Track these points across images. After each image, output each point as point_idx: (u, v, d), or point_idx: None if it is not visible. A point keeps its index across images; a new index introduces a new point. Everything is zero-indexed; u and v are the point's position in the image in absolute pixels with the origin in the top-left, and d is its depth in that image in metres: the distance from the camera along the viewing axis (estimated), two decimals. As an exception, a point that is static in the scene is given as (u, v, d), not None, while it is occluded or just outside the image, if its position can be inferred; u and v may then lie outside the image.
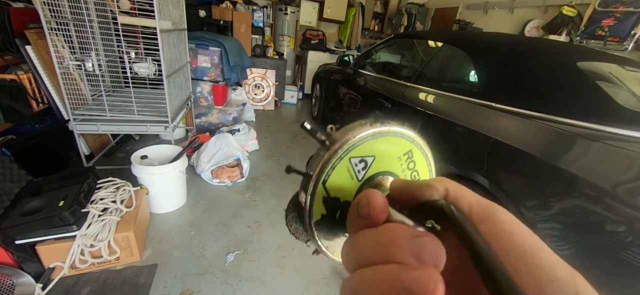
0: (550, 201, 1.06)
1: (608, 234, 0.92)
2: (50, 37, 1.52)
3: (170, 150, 1.92)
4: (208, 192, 2.08)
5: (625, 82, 1.32)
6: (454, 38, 1.85)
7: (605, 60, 1.44)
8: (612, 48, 2.56)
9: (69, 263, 1.26)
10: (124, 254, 1.40)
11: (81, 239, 1.27)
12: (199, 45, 2.86)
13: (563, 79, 1.25)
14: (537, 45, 1.62)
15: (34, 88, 1.82)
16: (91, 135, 2.17)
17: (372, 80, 2.35)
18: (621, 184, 0.91)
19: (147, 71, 1.81)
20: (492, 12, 3.90)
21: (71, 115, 1.71)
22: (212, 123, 3.09)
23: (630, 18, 2.47)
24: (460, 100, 1.49)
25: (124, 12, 1.79)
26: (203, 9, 3.60)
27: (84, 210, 1.31)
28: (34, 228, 1.20)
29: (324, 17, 4.88)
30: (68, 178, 1.45)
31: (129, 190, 1.54)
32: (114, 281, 1.34)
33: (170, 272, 1.42)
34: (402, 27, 4.96)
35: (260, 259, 1.57)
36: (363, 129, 0.19)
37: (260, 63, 3.86)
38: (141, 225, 1.54)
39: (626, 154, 0.92)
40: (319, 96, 3.63)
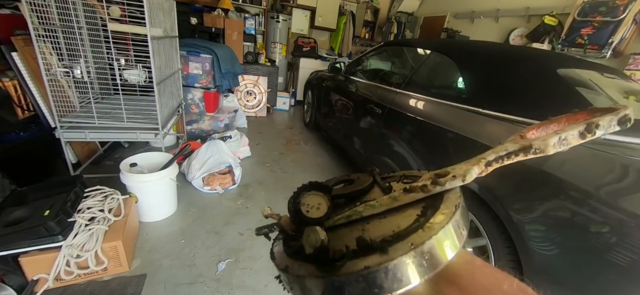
0: (536, 204, 1.10)
1: (593, 235, 0.95)
2: (37, 44, 1.50)
3: (160, 158, 1.90)
4: (199, 199, 2.06)
5: (604, 88, 1.38)
6: (442, 46, 1.90)
7: (584, 67, 1.50)
8: (592, 56, 2.67)
9: (53, 275, 1.22)
10: (111, 264, 1.36)
11: (67, 249, 1.23)
12: (190, 52, 2.86)
13: (544, 85, 1.30)
14: (519, 52, 1.68)
15: (20, 95, 1.78)
16: (79, 143, 2.12)
17: (363, 86, 2.39)
18: (604, 186, 0.94)
19: (138, 78, 1.80)
20: (478, 21, 4.02)
21: (58, 122, 1.67)
22: (203, 130, 3.07)
23: (607, 27, 2.58)
24: (449, 106, 1.52)
25: (114, 19, 1.78)
26: (195, 16, 3.61)
27: (71, 220, 1.28)
28: (18, 239, 1.16)
29: (315, 25, 4.94)
30: (54, 187, 1.41)
31: (118, 199, 1.51)
32: (101, 292, 1.30)
33: (159, 282, 1.39)
34: (392, 35, 5.07)
35: (253, 267, 1.55)
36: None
37: (252, 70, 3.87)
38: (130, 234, 1.51)
39: (608, 157, 0.96)
40: (311, 103, 3.66)
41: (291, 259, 0.20)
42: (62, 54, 1.76)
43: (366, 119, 2.17)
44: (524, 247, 1.13)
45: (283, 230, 0.25)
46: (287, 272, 0.19)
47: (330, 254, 0.18)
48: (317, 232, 0.19)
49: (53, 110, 1.64)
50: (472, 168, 0.18)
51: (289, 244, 0.22)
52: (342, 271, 0.16)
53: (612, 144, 0.98)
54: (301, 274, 0.18)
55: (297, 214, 0.22)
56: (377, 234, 0.19)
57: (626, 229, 0.88)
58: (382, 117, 1.96)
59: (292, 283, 0.19)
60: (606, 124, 0.16)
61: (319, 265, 0.18)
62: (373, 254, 0.17)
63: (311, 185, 0.24)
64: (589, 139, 0.15)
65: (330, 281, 0.17)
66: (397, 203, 0.21)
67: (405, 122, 1.75)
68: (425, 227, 0.17)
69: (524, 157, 0.17)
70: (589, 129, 0.16)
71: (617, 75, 1.58)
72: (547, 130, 0.18)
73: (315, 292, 0.17)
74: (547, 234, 1.07)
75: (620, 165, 0.94)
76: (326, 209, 0.23)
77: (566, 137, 0.16)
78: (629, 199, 0.89)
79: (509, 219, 1.16)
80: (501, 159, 0.18)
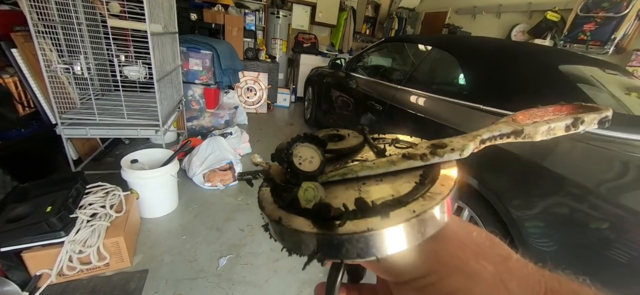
0: (536, 200, 1.10)
1: (592, 231, 0.95)
2: (37, 41, 1.49)
3: (161, 154, 1.90)
4: (200, 196, 2.07)
5: (606, 84, 1.38)
6: (443, 42, 1.89)
7: (586, 63, 1.50)
8: (594, 51, 2.66)
9: (56, 270, 1.23)
10: (113, 260, 1.37)
11: (69, 245, 1.24)
12: (190, 49, 2.85)
13: (545, 82, 1.30)
14: (521, 48, 1.67)
15: (20, 92, 1.78)
16: (79, 140, 2.13)
17: (363, 83, 2.38)
18: (604, 182, 0.94)
19: (138, 74, 1.80)
20: (480, 17, 4.00)
21: (59, 119, 1.68)
22: (204, 126, 3.07)
23: (610, 23, 2.57)
24: (449, 103, 1.52)
25: (114, 15, 1.78)
26: (195, 12, 3.59)
27: (72, 216, 1.29)
28: (20, 235, 1.17)
29: (316, 21, 4.92)
30: (56, 183, 1.42)
31: (119, 195, 1.52)
32: (104, 288, 1.31)
33: (161, 277, 1.40)
34: (392, 30, 5.04)
35: (253, 263, 1.56)
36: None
37: (253, 66, 3.86)
38: (131, 230, 1.52)
39: (608, 153, 0.96)
40: (311, 99, 3.65)
41: (283, 210, 0.20)
42: (62, 50, 1.76)
43: (367, 116, 2.17)
44: (523, 244, 1.13)
45: (272, 179, 0.24)
46: (281, 223, 0.19)
47: (331, 213, 0.17)
48: (317, 188, 0.19)
49: (53, 106, 1.65)
50: (469, 144, 0.19)
51: (280, 195, 0.21)
52: (343, 230, 0.16)
53: (613, 140, 0.98)
54: (297, 228, 0.18)
55: (289, 165, 0.22)
56: (376, 197, 0.19)
57: (626, 225, 0.88)
58: (382, 114, 1.95)
59: (284, 234, 0.19)
60: (589, 121, 0.17)
61: (316, 221, 0.17)
62: (374, 216, 0.17)
63: (305, 137, 0.24)
64: (572, 132, 0.17)
65: (329, 237, 0.17)
66: (394, 167, 0.21)
67: (406, 119, 1.74)
68: (427, 196, 0.18)
69: (514, 140, 0.18)
70: (575, 124, 0.17)
71: (619, 72, 1.57)
72: (534, 117, 0.18)
73: (310, 246, 0.17)
74: (547, 231, 1.07)
75: (620, 162, 0.94)
76: (319, 164, 0.22)
77: (554, 127, 0.17)
78: (629, 195, 0.89)
79: (508, 216, 1.16)
80: (494, 139, 0.19)
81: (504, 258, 0.17)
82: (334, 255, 0.17)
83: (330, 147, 0.26)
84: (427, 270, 0.17)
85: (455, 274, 0.16)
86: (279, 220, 0.19)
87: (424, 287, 0.17)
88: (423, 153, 0.20)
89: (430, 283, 0.17)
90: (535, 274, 0.17)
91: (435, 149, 0.20)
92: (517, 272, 0.17)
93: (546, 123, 0.17)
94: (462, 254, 0.17)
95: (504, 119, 0.19)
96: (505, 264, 0.17)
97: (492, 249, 0.18)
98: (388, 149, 0.26)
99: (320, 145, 0.24)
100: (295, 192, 0.19)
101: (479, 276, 0.16)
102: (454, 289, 0.16)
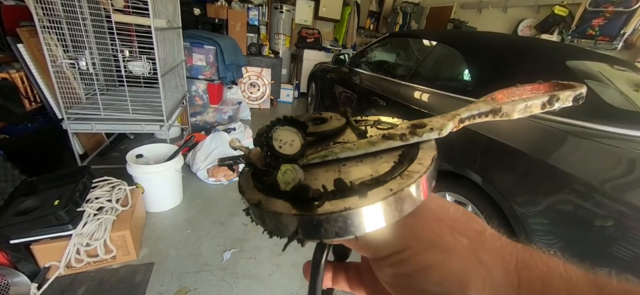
0: (540, 197, 1.09)
1: (597, 229, 0.94)
2: (42, 36, 1.50)
3: (165, 149, 1.92)
4: (204, 190, 2.08)
5: (614, 80, 1.35)
6: (448, 37, 1.87)
7: (594, 59, 1.47)
8: (603, 47, 2.61)
9: (64, 262, 1.26)
10: (120, 253, 1.40)
11: (77, 238, 1.26)
12: (193, 44, 2.85)
13: (552, 78, 1.28)
14: (527, 44, 1.65)
15: (27, 87, 1.80)
16: (85, 135, 2.15)
17: (367, 78, 2.37)
18: (610, 180, 0.93)
19: (142, 70, 1.81)
20: (485, 12, 3.94)
21: (65, 114, 1.69)
22: (207, 122, 3.08)
23: (619, 18, 2.52)
24: (454, 99, 1.51)
25: (118, 10, 1.78)
26: (198, 7, 3.58)
27: (80, 209, 1.31)
28: (29, 227, 1.19)
29: (319, 16, 4.88)
30: (63, 177, 1.44)
31: (125, 189, 1.53)
32: (110, 280, 1.34)
33: (167, 270, 1.43)
34: (397, 25, 4.99)
35: (257, 257, 1.58)
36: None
37: (256, 62, 3.85)
38: (137, 224, 1.54)
39: (614, 151, 0.95)
40: (314, 95, 3.64)
41: (263, 194, 0.20)
42: (67, 45, 1.77)
43: (370, 112, 2.16)
44: (526, 241, 1.13)
45: (252, 164, 0.24)
46: (260, 207, 0.19)
47: (310, 194, 0.18)
48: (295, 170, 0.19)
49: (59, 101, 1.66)
50: (448, 123, 0.19)
51: (260, 179, 0.21)
52: (321, 210, 0.16)
53: (619, 137, 0.97)
54: (277, 211, 0.18)
55: (269, 149, 0.22)
56: (355, 177, 0.19)
57: (631, 223, 0.87)
58: (386, 110, 1.95)
59: (263, 218, 0.19)
60: (564, 99, 0.17)
61: (295, 203, 0.18)
62: (352, 196, 0.17)
63: (285, 120, 0.23)
64: (548, 109, 0.17)
65: (308, 218, 0.17)
66: (374, 148, 0.21)
67: (410, 115, 1.74)
68: (404, 175, 0.18)
69: (492, 118, 0.18)
70: (551, 101, 0.17)
71: (627, 68, 1.54)
72: (513, 96, 0.19)
73: (290, 228, 0.17)
74: (551, 227, 1.07)
75: (626, 159, 0.93)
76: (299, 147, 0.22)
77: (531, 105, 0.17)
78: (634, 193, 0.88)
79: (512, 212, 1.16)
80: (473, 118, 0.19)
81: (478, 232, 0.18)
82: (313, 235, 0.17)
83: (311, 130, 0.25)
84: (403, 246, 0.17)
85: (431, 248, 0.17)
86: (258, 203, 0.19)
87: (400, 261, 0.17)
88: (402, 133, 0.20)
89: (406, 258, 0.17)
90: (507, 246, 0.17)
91: (414, 129, 0.20)
92: (490, 244, 0.17)
93: (523, 101, 0.18)
94: (438, 228, 0.18)
95: (483, 99, 0.20)
96: (479, 237, 0.18)
97: (467, 224, 0.18)
98: (369, 130, 0.26)
99: (301, 128, 0.24)
100: (275, 175, 0.19)
101: (454, 250, 0.17)
102: (429, 263, 0.17)
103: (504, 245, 0.17)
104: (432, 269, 0.17)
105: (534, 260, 0.16)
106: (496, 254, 0.17)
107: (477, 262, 0.16)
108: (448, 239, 0.17)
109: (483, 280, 0.16)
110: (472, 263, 0.16)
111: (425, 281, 0.17)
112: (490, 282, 0.16)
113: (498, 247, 0.17)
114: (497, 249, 0.17)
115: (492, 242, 0.18)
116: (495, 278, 0.16)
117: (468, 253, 0.17)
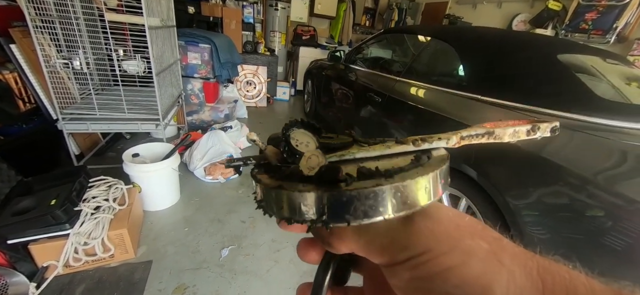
0: (533, 189, 1.11)
1: (588, 219, 0.96)
2: (35, 36, 1.49)
3: (162, 148, 1.92)
4: (201, 189, 2.09)
5: (606, 74, 1.37)
6: (442, 33, 1.88)
7: (586, 52, 1.49)
8: (596, 41, 2.64)
9: (62, 261, 1.26)
10: (118, 252, 1.40)
11: (74, 237, 1.27)
12: (188, 42, 2.83)
13: (544, 72, 1.30)
14: (519, 38, 1.67)
15: (21, 87, 1.79)
16: (81, 135, 2.14)
17: (363, 75, 2.38)
18: (601, 172, 0.95)
19: (137, 69, 1.80)
20: (480, 7, 3.95)
21: (59, 114, 1.69)
22: (204, 120, 3.08)
23: (612, 11, 2.54)
24: (449, 94, 1.52)
25: (111, 9, 1.77)
26: (192, 5, 3.56)
27: (77, 209, 1.31)
28: (26, 227, 1.20)
29: (314, 13, 4.87)
30: (59, 177, 1.44)
31: (122, 188, 1.53)
32: (109, 278, 1.34)
33: (165, 268, 1.43)
34: (392, 22, 4.99)
35: (255, 253, 1.59)
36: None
37: (252, 59, 3.84)
38: (135, 222, 1.54)
39: (606, 143, 0.97)
40: (311, 92, 3.64)
41: (285, 180, 0.19)
42: (61, 45, 1.76)
43: (366, 108, 2.17)
44: (520, 232, 1.15)
45: (266, 163, 0.24)
46: (282, 189, 0.18)
47: (339, 175, 0.17)
48: (319, 154, 0.19)
49: (54, 102, 1.65)
50: (453, 136, 0.21)
51: (275, 172, 0.21)
52: (352, 186, 0.16)
53: (611, 130, 0.99)
54: (303, 190, 0.17)
55: (287, 144, 0.22)
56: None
57: (622, 213, 0.89)
58: (382, 106, 1.96)
59: (284, 201, 0.18)
60: (544, 129, 0.20)
61: (321, 185, 0.17)
62: (379, 178, 0.17)
63: (301, 123, 0.24)
64: (531, 136, 0.20)
65: (338, 194, 0.16)
66: (389, 150, 0.22)
67: (406, 110, 1.75)
68: (426, 165, 0.19)
69: (487, 140, 0.21)
70: (534, 130, 0.20)
71: (620, 61, 1.56)
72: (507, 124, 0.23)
73: (316, 209, 0.17)
74: (543, 219, 1.08)
75: (617, 151, 0.95)
76: (315, 148, 0.23)
77: (518, 131, 0.20)
78: (624, 184, 0.90)
79: (505, 205, 1.18)
80: (471, 137, 0.21)
81: (496, 238, 0.18)
82: (340, 216, 0.17)
83: (322, 140, 0.26)
84: (422, 249, 0.17)
85: (452, 251, 0.17)
86: (279, 186, 0.18)
87: (418, 265, 0.17)
88: (415, 139, 0.22)
89: (425, 261, 0.17)
90: (527, 252, 0.18)
91: (425, 137, 0.22)
92: (510, 249, 0.18)
93: (512, 127, 0.20)
94: (457, 232, 0.18)
95: (479, 124, 0.22)
96: (498, 242, 0.18)
97: (485, 231, 0.19)
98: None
99: (315, 132, 0.24)
100: (295, 165, 0.19)
101: (475, 253, 0.17)
102: (450, 266, 0.17)
103: (524, 251, 0.18)
104: (452, 272, 0.16)
105: (556, 268, 0.16)
106: (517, 258, 0.17)
107: (500, 265, 0.16)
108: (468, 242, 0.17)
109: (507, 282, 0.16)
110: (494, 266, 0.16)
111: (446, 284, 0.16)
112: (513, 285, 0.16)
113: (518, 252, 0.17)
114: (518, 254, 0.17)
115: (511, 248, 0.18)
116: (518, 281, 0.16)
117: (489, 256, 0.17)
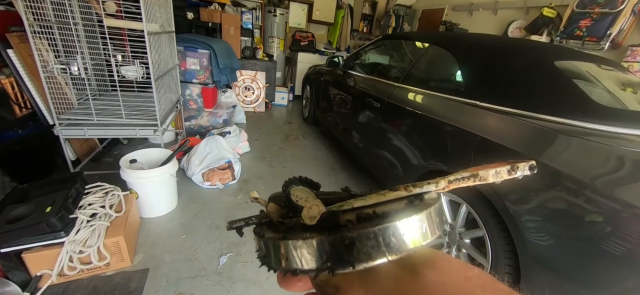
0: (532, 195, 1.11)
1: (588, 225, 0.96)
2: (33, 41, 1.49)
3: (160, 154, 1.90)
4: (199, 195, 2.07)
5: (601, 80, 1.39)
6: (440, 39, 1.90)
7: (582, 59, 1.51)
8: (590, 47, 2.68)
9: (57, 270, 1.24)
10: (114, 260, 1.38)
11: (70, 245, 1.24)
12: (187, 48, 2.84)
13: (541, 78, 1.31)
14: (517, 45, 1.68)
15: (17, 92, 1.78)
16: (77, 140, 2.12)
17: (361, 80, 2.39)
18: (599, 177, 0.95)
19: (135, 74, 1.79)
20: (476, 14, 4.01)
21: (56, 120, 1.67)
22: (202, 126, 3.07)
23: (605, 19, 2.58)
24: (447, 99, 1.53)
25: (110, 14, 1.77)
26: (191, 11, 3.57)
27: (72, 216, 1.29)
28: (20, 235, 1.17)
29: (313, 19, 4.91)
30: (55, 184, 1.42)
31: (118, 195, 1.52)
32: (105, 287, 1.32)
33: (162, 276, 1.41)
34: (390, 28, 5.03)
35: (254, 260, 1.57)
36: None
37: (250, 65, 3.85)
38: (131, 229, 1.52)
39: (604, 148, 0.97)
40: (309, 97, 3.65)
41: (288, 233, 0.20)
42: (59, 50, 1.75)
43: (364, 113, 2.18)
44: (520, 238, 1.15)
45: (269, 219, 0.25)
46: (286, 239, 0.19)
47: (340, 220, 0.18)
48: (319, 204, 0.20)
49: (51, 107, 1.64)
50: (441, 180, 0.23)
51: (277, 227, 0.22)
52: (353, 228, 0.17)
53: (608, 135, 0.99)
54: (306, 238, 0.18)
55: (288, 199, 0.23)
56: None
57: (621, 218, 0.89)
58: (380, 111, 1.96)
59: (288, 252, 0.19)
60: (522, 168, 0.22)
61: (323, 232, 0.18)
62: (378, 220, 0.18)
63: (300, 180, 0.25)
64: (513, 175, 0.22)
65: (340, 238, 0.17)
66: (384, 198, 0.23)
67: (404, 116, 1.75)
68: (420, 206, 0.20)
69: (472, 182, 0.23)
70: (514, 169, 0.22)
71: (614, 67, 1.58)
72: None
73: (319, 255, 0.17)
74: (543, 225, 1.08)
75: (615, 156, 0.96)
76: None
77: (500, 171, 0.22)
78: (623, 189, 0.91)
79: (505, 211, 1.18)
80: (458, 181, 0.23)
81: (506, 292, 0.18)
82: (344, 259, 0.17)
83: (319, 195, 0.27)
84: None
85: None
86: (283, 237, 0.19)
87: None
88: (406, 185, 0.23)
89: None
90: None
91: (415, 183, 0.23)
92: None
93: (493, 168, 0.22)
94: (468, 285, 0.18)
95: (464, 169, 0.24)
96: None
97: (494, 284, 0.18)
98: None
99: (313, 188, 0.26)
100: (297, 218, 0.20)
101: None
102: None
103: None
104: None
105: None
106: None
107: None
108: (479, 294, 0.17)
109: None
110: None
111: None
112: None
113: None
114: None
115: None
116: None
117: None
